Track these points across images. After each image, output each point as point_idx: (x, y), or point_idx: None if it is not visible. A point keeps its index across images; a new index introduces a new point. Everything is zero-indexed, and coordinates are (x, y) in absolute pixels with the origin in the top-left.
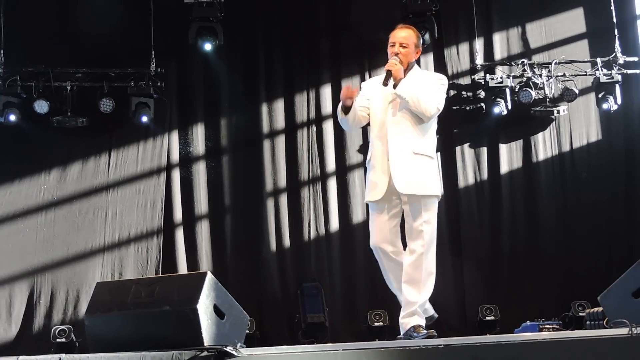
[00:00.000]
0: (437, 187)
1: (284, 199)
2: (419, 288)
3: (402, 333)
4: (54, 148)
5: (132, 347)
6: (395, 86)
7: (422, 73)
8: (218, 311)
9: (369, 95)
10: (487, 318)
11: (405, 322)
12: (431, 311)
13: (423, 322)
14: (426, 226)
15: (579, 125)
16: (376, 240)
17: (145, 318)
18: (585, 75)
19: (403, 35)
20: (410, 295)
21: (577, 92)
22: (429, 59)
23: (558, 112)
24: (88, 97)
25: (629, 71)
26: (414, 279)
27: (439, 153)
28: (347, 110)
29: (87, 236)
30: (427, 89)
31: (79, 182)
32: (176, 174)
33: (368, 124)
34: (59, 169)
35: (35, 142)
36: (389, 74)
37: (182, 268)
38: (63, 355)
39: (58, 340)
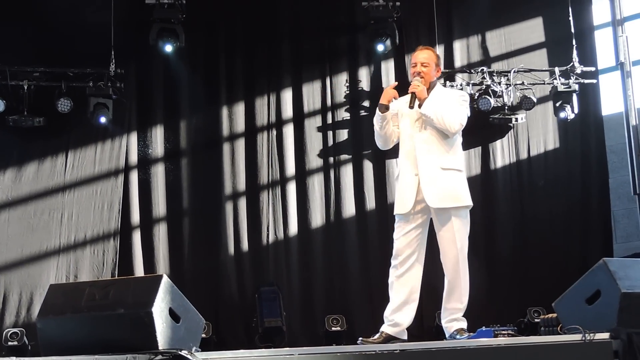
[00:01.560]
0: (466, 198)
1: (243, 203)
2: (459, 295)
3: (447, 336)
4: (10, 148)
5: (86, 350)
6: (420, 106)
7: (445, 91)
8: (173, 314)
9: (397, 113)
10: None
11: (449, 325)
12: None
13: (465, 325)
14: (458, 235)
15: (536, 134)
16: (399, 249)
17: (99, 321)
18: (544, 84)
19: (424, 56)
20: (452, 303)
21: (535, 100)
22: (390, 65)
23: (516, 120)
24: (45, 97)
25: (586, 81)
26: (454, 286)
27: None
28: (384, 109)
29: (42, 237)
30: (450, 106)
31: (34, 183)
32: (134, 176)
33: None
34: (14, 169)
35: None
36: (413, 96)
37: (139, 271)
38: (14, 359)
39: (10, 343)
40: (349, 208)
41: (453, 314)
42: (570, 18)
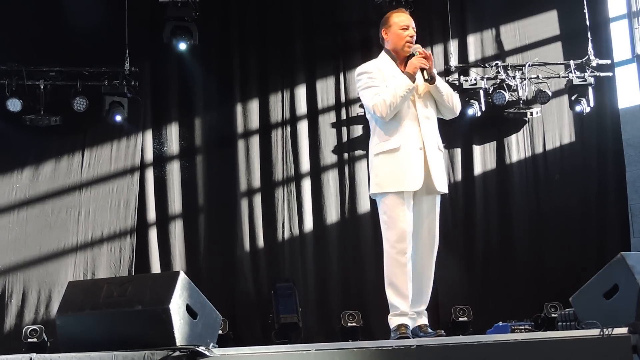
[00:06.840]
0: None
1: (258, 199)
2: (429, 287)
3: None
4: (27, 147)
5: (104, 346)
6: (432, 80)
7: None
8: (190, 311)
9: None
10: (460, 319)
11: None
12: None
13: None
14: (437, 224)
15: (552, 127)
16: (407, 231)
17: (117, 317)
18: (559, 77)
19: (411, 20)
20: (424, 295)
21: (550, 94)
22: None
23: (531, 114)
24: (61, 96)
25: (602, 74)
26: (426, 277)
27: None
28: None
29: (59, 235)
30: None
31: (51, 181)
32: (150, 174)
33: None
34: (32, 167)
35: (7, 140)
36: (424, 71)
37: (155, 268)
38: (34, 355)
39: (29, 340)
40: (364, 203)
41: (421, 306)
42: (585, 10)
